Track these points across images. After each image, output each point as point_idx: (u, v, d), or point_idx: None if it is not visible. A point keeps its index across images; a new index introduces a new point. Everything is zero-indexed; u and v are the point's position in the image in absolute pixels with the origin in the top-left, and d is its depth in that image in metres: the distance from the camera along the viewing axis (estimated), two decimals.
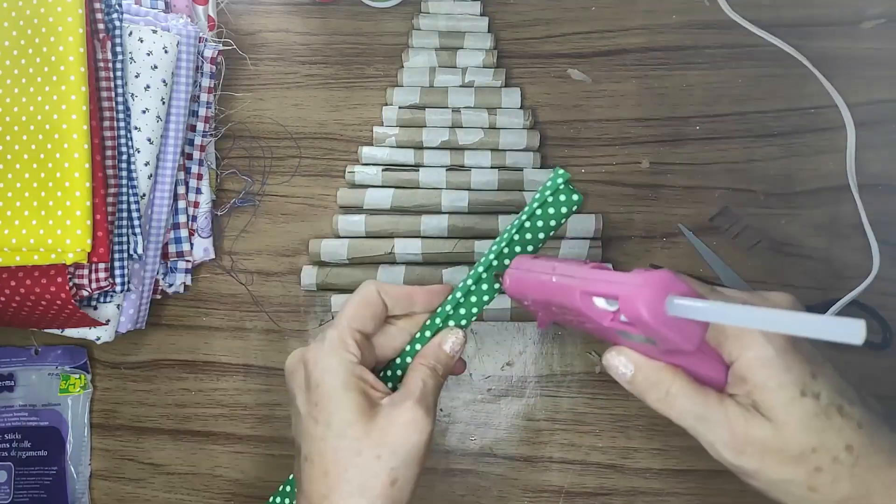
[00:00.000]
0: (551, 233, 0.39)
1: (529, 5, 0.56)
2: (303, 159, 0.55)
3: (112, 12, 0.47)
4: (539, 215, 0.38)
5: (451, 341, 0.38)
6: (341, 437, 0.34)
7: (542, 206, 0.38)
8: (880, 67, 0.53)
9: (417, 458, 0.34)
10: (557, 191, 0.38)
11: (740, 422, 0.30)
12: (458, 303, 0.39)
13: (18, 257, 0.43)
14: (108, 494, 0.54)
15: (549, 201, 0.38)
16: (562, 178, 0.38)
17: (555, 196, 0.38)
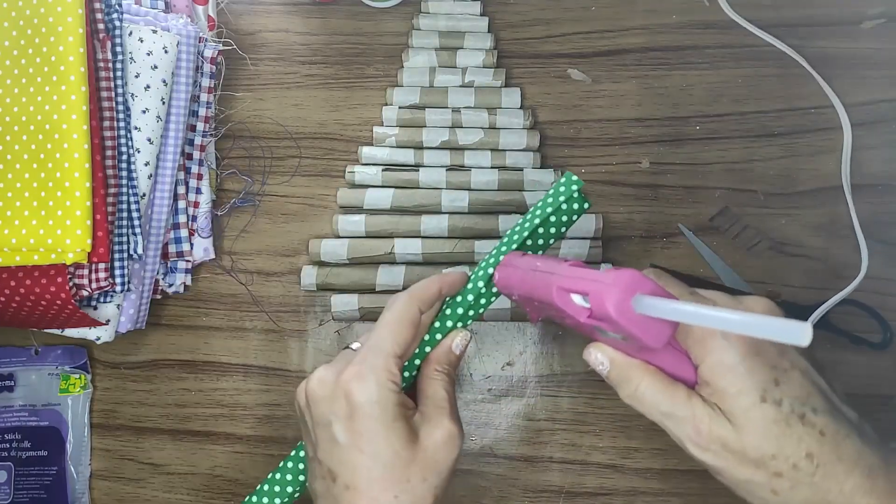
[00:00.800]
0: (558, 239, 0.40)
1: (529, 5, 0.56)
2: (303, 159, 0.55)
3: (112, 12, 0.47)
4: (552, 221, 0.39)
5: (458, 342, 0.39)
6: (391, 467, 0.34)
7: (555, 213, 0.39)
8: (880, 67, 0.53)
9: (453, 470, 0.36)
10: (571, 198, 0.39)
11: (705, 420, 0.31)
12: (469, 305, 0.39)
13: (18, 257, 0.43)
14: (108, 494, 0.54)
15: (563, 208, 0.39)
16: (576, 186, 0.38)
17: (568, 203, 0.39)
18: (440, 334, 0.39)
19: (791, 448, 0.30)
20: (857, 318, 0.50)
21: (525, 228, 0.39)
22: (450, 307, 0.39)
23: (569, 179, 0.39)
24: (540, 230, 0.39)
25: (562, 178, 0.39)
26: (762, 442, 0.30)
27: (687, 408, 0.32)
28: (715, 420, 0.31)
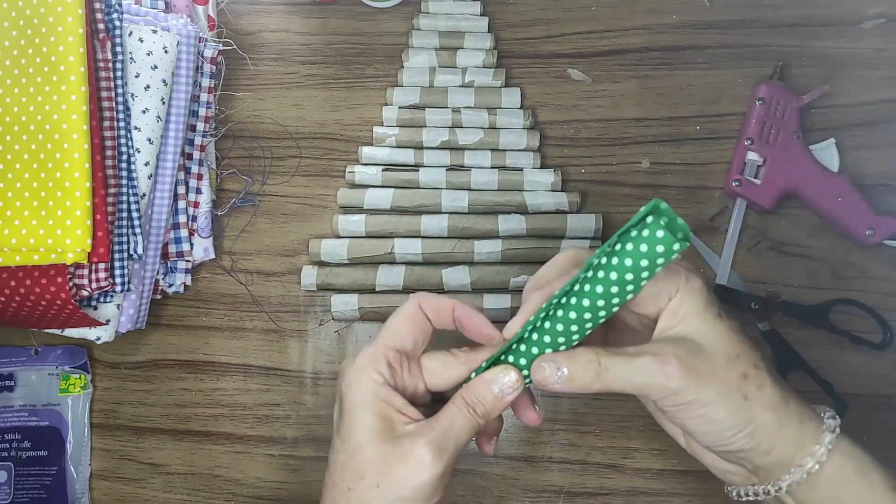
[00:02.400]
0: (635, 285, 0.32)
1: (529, 5, 0.56)
2: (303, 159, 0.55)
3: (112, 12, 0.47)
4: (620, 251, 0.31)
5: (502, 382, 0.34)
6: (352, 455, 0.33)
7: (632, 241, 0.31)
8: (880, 67, 0.53)
9: (419, 496, 0.33)
10: (643, 224, 0.31)
11: (667, 350, 0.33)
12: (524, 339, 0.35)
13: (18, 257, 0.43)
14: (108, 494, 0.54)
15: (633, 236, 0.31)
16: (664, 221, 0.30)
17: (639, 231, 0.31)
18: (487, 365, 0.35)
19: (749, 350, 0.34)
20: (857, 319, 0.50)
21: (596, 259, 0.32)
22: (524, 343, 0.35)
23: (657, 209, 0.31)
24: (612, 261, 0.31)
25: None
26: (726, 346, 0.34)
27: (645, 355, 0.33)
28: (678, 346, 0.33)
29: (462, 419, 0.34)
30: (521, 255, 0.51)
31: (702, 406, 0.33)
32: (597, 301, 0.32)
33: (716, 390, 0.33)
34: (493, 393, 0.34)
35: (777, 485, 0.34)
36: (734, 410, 0.33)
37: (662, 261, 0.31)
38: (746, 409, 0.33)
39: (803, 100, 0.50)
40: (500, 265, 0.52)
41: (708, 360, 0.33)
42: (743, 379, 0.33)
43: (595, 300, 0.32)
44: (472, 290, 0.52)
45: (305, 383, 0.53)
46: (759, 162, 0.50)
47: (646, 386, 0.33)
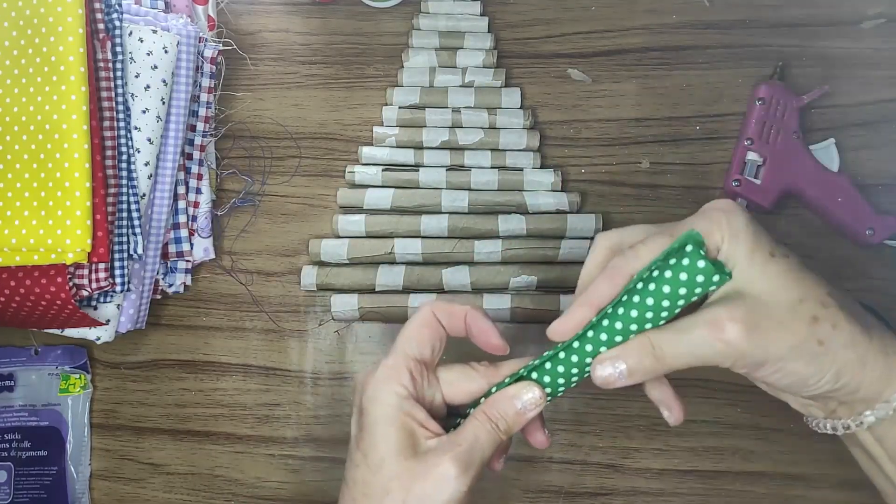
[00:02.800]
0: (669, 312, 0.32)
1: (529, 5, 0.56)
2: (303, 159, 0.55)
3: (112, 12, 0.47)
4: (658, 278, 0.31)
5: (526, 398, 0.34)
6: (375, 471, 0.33)
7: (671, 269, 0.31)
8: (880, 67, 0.53)
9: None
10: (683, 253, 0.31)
11: (722, 314, 0.31)
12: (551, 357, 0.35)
13: (18, 257, 0.43)
14: (108, 494, 0.54)
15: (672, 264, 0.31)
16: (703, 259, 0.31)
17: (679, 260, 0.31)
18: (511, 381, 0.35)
19: (813, 288, 0.31)
20: None
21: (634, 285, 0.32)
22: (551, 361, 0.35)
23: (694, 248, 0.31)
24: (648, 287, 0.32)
25: None
26: (785, 292, 0.31)
27: (701, 326, 0.31)
28: (732, 306, 0.31)
29: (485, 434, 0.33)
30: (521, 255, 0.51)
31: (776, 363, 0.31)
32: (629, 325, 0.32)
33: (786, 344, 0.30)
34: (515, 409, 0.34)
35: (860, 419, 0.32)
36: (811, 359, 0.31)
37: (700, 290, 0.31)
38: (824, 354, 0.31)
39: (803, 100, 0.50)
40: (500, 265, 0.52)
41: (769, 312, 0.30)
42: (813, 323, 0.31)
43: (628, 324, 0.32)
44: (473, 290, 0.52)
45: (305, 383, 0.53)
46: (758, 162, 0.50)
47: (709, 357, 0.31)
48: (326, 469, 0.52)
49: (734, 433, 0.50)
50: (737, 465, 0.50)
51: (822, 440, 0.49)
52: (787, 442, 0.50)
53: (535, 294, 0.51)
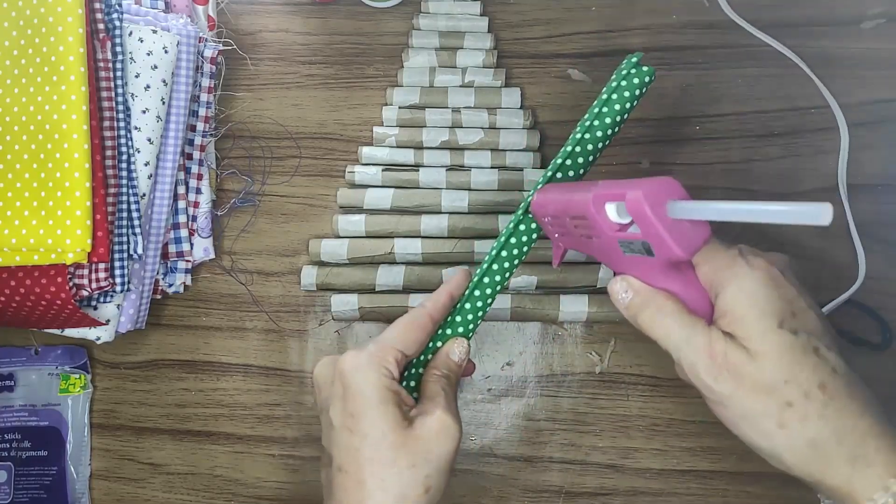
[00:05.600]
0: (621, 119, 0.39)
1: (529, 5, 0.56)
2: (303, 159, 0.55)
3: (112, 12, 0.47)
4: (615, 99, 0.39)
5: (458, 351, 0.40)
6: (377, 447, 0.34)
7: (616, 91, 0.39)
8: (880, 67, 0.53)
9: (449, 464, 0.35)
10: (630, 74, 0.39)
11: (720, 346, 0.32)
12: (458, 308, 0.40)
13: (18, 257, 0.43)
14: (108, 494, 0.54)
15: (624, 84, 0.39)
16: (636, 58, 0.39)
17: (628, 78, 0.39)
18: (441, 341, 0.40)
19: (805, 375, 0.30)
20: (857, 319, 0.50)
21: (591, 117, 0.39)
22: (455, 313, 0.40)
23: (628, 59, 0.39)
24: (605, 110, 0.39)
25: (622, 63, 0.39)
26: (776, 366, 0.30)
27: (704, 334, 0.32)
28: (730, 346, 0.31)
29: (446, 385, 0.38)
30: None
31: (732, 414, 0.32)
32: None
33: (751, 406, 0.31)
34: (454, 362, 0.39)
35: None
36: (762, 435, 0.31)
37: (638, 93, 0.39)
38: (779, 437, 0.31)
39: None
40: None
41: (754, 372, 0.31)
42: (786, 408, 0.30)
43: None
44: None
45: (305, 383, 0.53)
46: None
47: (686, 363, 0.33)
48: None
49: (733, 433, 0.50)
50: (735, 465, 0.50)
51: None
52: None
53: (535, 294, 0.51)
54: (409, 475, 0.34)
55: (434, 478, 0.34)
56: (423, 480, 0.34)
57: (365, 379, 0.35)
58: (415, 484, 0.34)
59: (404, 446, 0.34)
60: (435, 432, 0.35)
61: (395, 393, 0.36)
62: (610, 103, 0.39)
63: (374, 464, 0.34)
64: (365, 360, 0.36)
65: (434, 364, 0.39)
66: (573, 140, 0.39)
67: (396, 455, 0.34)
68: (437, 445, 0.35)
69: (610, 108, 0.39)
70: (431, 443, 0.34)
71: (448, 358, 0.40)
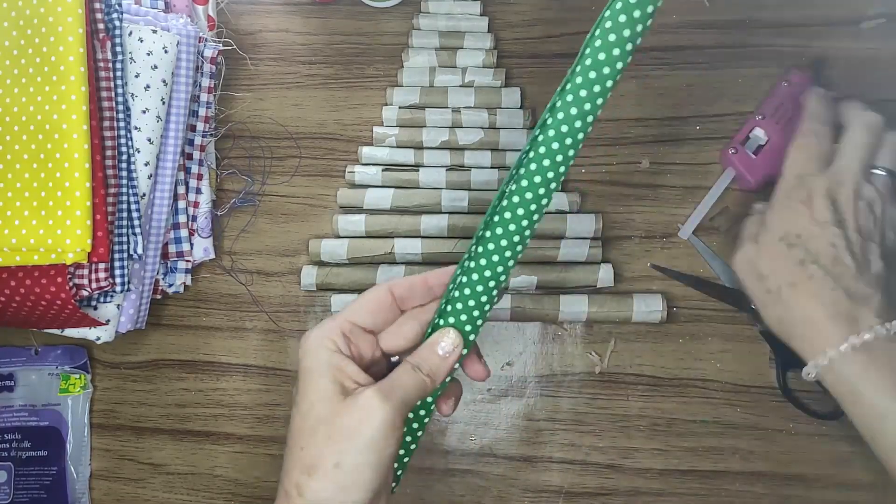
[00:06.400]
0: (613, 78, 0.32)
1: (529, 5, 0.56)
2: (303, 159, 0.55)
3: (112, 12, 0.47)
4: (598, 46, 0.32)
5: (443, 343, 0.37)
6: (304, 416, 0.34)
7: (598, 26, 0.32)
8: (880, 67, 0.53)
9: (368, 444, 0.33)
10: None
11: None
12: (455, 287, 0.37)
13: (18, 257, 0.43)
14: (108, 494, 0.54)
15: (606, 16, 0.31)
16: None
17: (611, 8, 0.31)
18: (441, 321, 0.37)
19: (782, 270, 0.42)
20: None
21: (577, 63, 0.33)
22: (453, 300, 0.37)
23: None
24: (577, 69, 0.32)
25: None
26: None
27: None
28: None
29: (408, 376, 0.35)
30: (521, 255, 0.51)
31: None
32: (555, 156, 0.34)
33: None
34: (437, 354, 0.36)
35: None
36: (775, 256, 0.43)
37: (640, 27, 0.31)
38: None
39: None
40: None
41: None
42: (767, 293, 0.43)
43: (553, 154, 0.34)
44: None
45: None
46: (761, 140, 0.50)
47: None
48: None
49: (734, 433, 0.50)
50: (736, 465, 0.50)
51: (822, 440, 0.50)
52: (787, 442, 0.50)
53: (535, 294, 0.51)
54: (322, 446, 0.33)
55: (348, 455, 0.33)
56: (335, 454, 0.33)
57: (308, 351, 0.36)
58: (324, 455, 0.33)
59: (324, 419, 0.34)
60: (355, 408, 0.33)
61: (336, 367, 0.35)
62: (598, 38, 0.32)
63: (300, 432, 0.34)
64: (313, 335, 0.36)
65: (415, 351, 0.37)
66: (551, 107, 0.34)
67: (317, 425, 0.34)
68: (354, 421, 0.33)
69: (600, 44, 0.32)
70: (349, 418, 0.33)
71: (431, 349, 0.37)
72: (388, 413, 0.33)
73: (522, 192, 0.35)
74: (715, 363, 0.51)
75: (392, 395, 0.34)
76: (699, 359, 0.51)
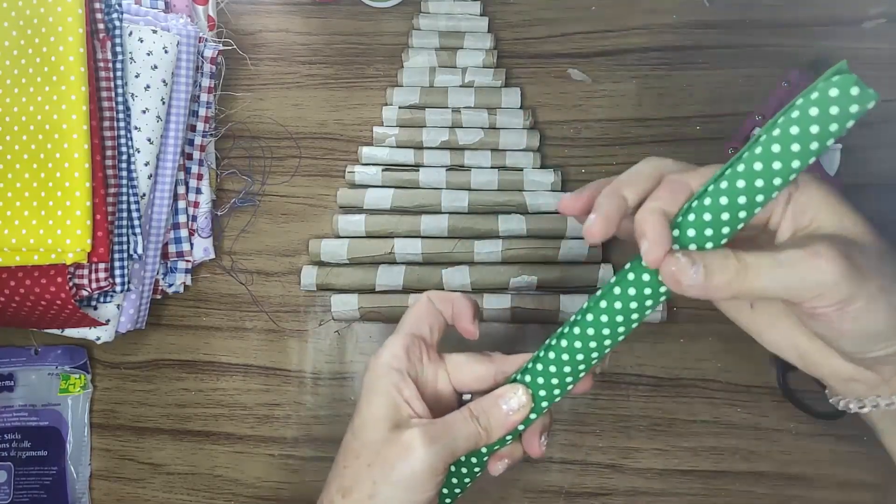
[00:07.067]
0: (807, 157, 0.29)
1: (529, 5, 0.56)
2: (303, 159, 0.55)
3: (112, 12, 0.47)
4: (794, 119, 0.29)
5: (511, 400, 0.34)
6: (355, 436, 0.34)
7: (801, 107, 0.28)
8: (880, 67, 0.53)
9: (405, 484, 0.32)
10: (829, 83, 0.28)
11: (815, 243, 0.29)
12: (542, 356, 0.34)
13: (18, 257, 0.43)
14: (108, 494, 0.54)
15: (814, 98, 0.29)
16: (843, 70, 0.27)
17: (823, 91, 0.28)
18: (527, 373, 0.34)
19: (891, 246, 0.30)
20: None
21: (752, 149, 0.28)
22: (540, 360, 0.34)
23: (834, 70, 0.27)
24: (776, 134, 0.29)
25: None
26: (874, 239, 0.30)
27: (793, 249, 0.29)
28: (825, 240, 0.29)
29: (462, 423, 0.34)
30: (522, 255, 0.51)
31: (863, 303, 0.28)
32: None
33: (877, 284, 0.28)
34: (500, 409, 0.34)
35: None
36: (892, 308, 0.29)
37: (836, 127, 0.27)
38: (880, 309, 0.29)
39: None
40: (500, 265, 0.52)
41: (862, 252, 0.29)
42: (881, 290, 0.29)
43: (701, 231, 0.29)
44: (473, 290, 0.51)
45: (305, 383, 0.53)
46: None
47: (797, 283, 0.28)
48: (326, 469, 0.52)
49: (734, 433, 0.50)
50: (737, 465, 0.50)
51: (822, 440, 0.50)
52: (787, 442, 0.50)
53: (535, 294, 0.51)
54: (362, 473, 0.33)
55: (383, 488, 0.32)
56: (371, 485, 0.32)
57: (370, 369, 0.35)
58: (361, 483, 0.33)
59: (370, 444, 0.33)
60: (400, 444, 0.32)
61: (394, 386, 0.34)
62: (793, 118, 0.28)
63: (346, 450, 0.34)
64: (379, 351, 0.36)
65: (479, 399, 0.35)
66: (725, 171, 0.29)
67: (361, 449, 0.33)
68: (395, 458, 0.32)
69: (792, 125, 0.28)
70: (391, 453, 0.32)
71: (495, 400, 0.34)
72: (429, 457, 0.32)
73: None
74: (715, 363, 0.51)
75: (439, 440, 0.33)
76: (699, 359, 0.51)
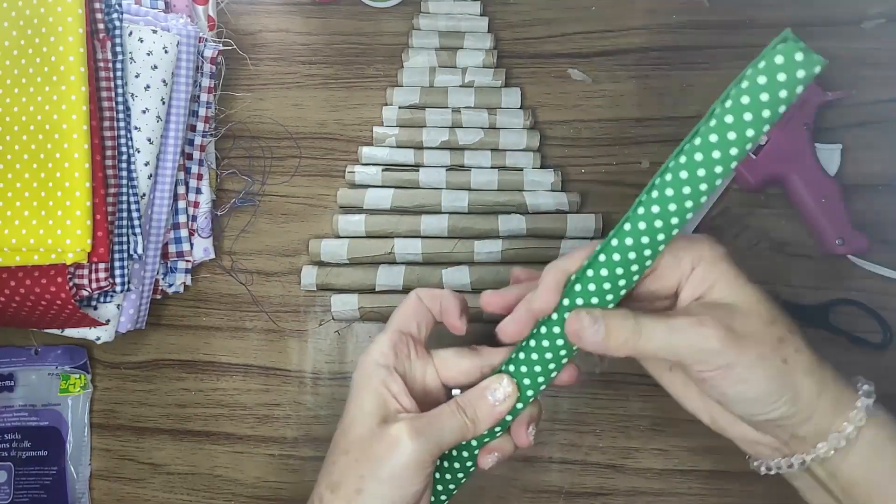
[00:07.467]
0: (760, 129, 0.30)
1: (529, 5, 0.56)
2: (303, 159, 0.55)
3: (112, 12, 0.47)
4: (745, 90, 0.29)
5: (497, 391, 0.35)
6: (344, 432, 0.34)
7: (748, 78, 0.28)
8: (880, 67, 0.53)
9: (392, 478, 0.32)
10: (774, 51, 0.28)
11: (703, 311, 0.32)
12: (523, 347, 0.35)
13: (18, 257, 0.43)
14: (108, 494, 0.54)
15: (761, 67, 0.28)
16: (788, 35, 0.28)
17: (769, 59, 0.28)
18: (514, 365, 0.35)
19: (782, 315, 0.33)
20: (857, 318, 0.50)
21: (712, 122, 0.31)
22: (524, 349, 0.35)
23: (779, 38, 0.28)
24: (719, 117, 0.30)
25: None
26: (761, 310, 0.33)
27: (683, 317, 0.32)
28: (711, 310, 0.32)
29: (449, 416, 0.34)
30: (521, 255, 0.51)
31: (742, 369, 0.31)
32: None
33: (756, 352, 0.31)
34: (486, 399, 0.35)
35: (813, 453, 0.33)
36: (775, 374, 0.32)
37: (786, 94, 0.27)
38: (787, 373, 0.32)
39: (827, 95, 0.50)
40: (500, 265, 0.52)
41: (745, 322, 0.32)
42: (780, 343, 0.32)
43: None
44: (472, 290, 0.51)
45: (305, 383, 0.53)
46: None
47: (683, 348, 0.32)
48: None
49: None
50: (737, 465, 0.50)
51: None
52: None
53: None
54: (349, 467, 0.33)
55: (370, 482, 0.32)
56: (357, 479, 0.32)
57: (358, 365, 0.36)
58: (348, 478, 0.33)
59: (359, 440, 0.33)
60: (386, 438, 0.33)
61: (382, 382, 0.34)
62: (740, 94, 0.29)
63: (336, 446, 0.34)
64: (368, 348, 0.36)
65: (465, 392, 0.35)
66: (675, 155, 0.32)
67: (350, 445, 0.34)
68: (381, 451, 0.32)
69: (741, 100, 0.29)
70: (377, 446, 0.33)
71: (482, 392, 0.35)
72: (415, 450, 0.32)
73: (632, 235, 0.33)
74: None
75: (425, 433, 0.33)
76: None
